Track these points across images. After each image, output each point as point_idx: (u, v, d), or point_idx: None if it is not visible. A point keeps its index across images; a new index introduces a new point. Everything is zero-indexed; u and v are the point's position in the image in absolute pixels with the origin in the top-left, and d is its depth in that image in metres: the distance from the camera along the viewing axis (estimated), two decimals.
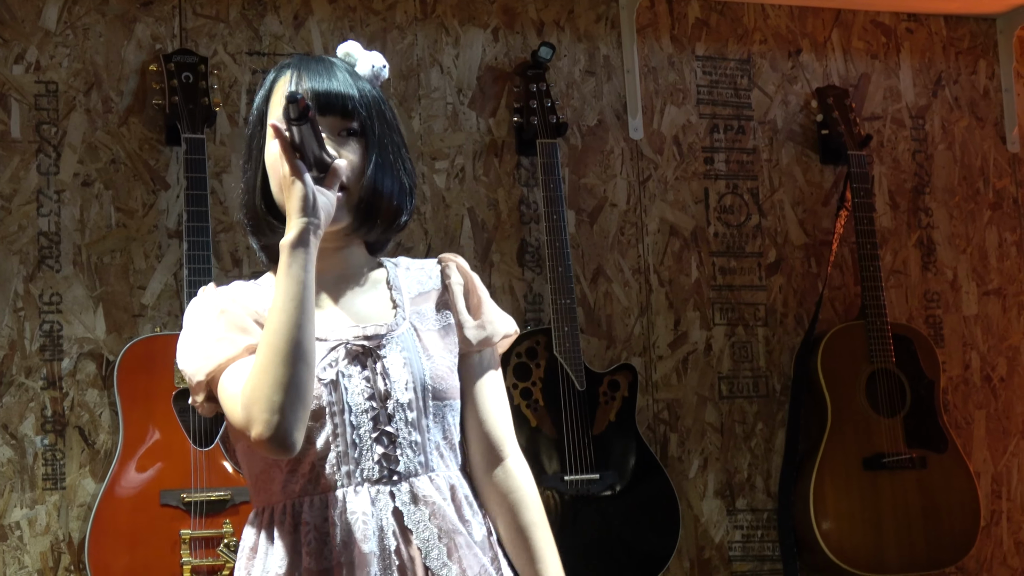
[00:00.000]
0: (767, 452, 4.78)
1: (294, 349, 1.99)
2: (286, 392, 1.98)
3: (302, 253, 2.03)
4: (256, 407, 1.97)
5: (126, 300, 4.13)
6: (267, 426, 1.97)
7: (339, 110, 2.16)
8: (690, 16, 4.88)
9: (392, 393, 2.15)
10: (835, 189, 4.97)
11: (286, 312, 2.00)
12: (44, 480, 4.00)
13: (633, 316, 4.67)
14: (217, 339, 2.11)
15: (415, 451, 2.15)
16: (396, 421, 2.15)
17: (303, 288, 2.02)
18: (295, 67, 2.18)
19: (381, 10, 4.50)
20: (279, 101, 2.15)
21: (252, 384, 1.99)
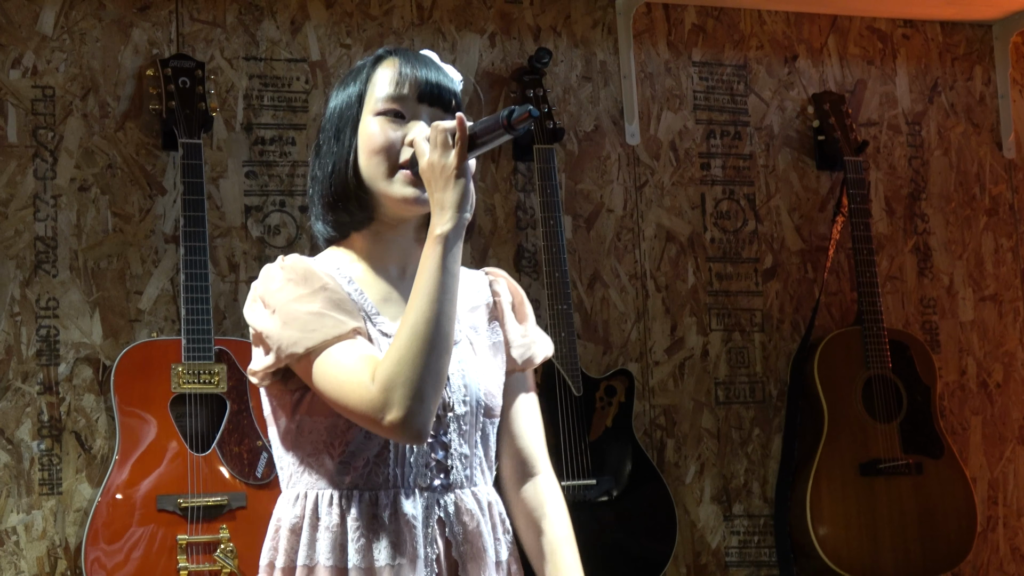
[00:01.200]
0: (763, 458, 4.78)
1: (444, 340, 2.01)
2: (434, 383, 2.00)
3: (458, 246, 2.05)
4: (399, 392, 1.97)
5: (123, 305, 4.13)
6: (409, 412, 1.98)
7: (445, 104, 2.18)
8: (687, 22, 4.88)
9: (451, 404, 2.16)
10: (831, 195, 4.97)
11: (440, 303, 2.01)
12: (40, 485, 3.99)
13: (630, 322, 4.67)
14: (318, 313, 2.07)
15: (463, 464, 2.17)
16: (451, 432, 2.16)
17: (455, 281, 2.04)
18: (400, 55, 2.19)
19: (378, 15, 4.51)
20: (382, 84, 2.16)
21: (396, 369, 1.98)
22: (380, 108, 2.16)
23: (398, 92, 2.16)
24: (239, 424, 3.95)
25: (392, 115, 2.16)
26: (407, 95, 2.16)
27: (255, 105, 4.34)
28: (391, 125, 2.15)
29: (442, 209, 2.04)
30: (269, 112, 4.35)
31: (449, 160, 2.03)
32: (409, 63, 2.18)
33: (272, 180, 4.32)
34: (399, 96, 2.16)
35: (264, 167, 4.32)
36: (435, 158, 2.04)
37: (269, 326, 2.10)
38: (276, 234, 4.30)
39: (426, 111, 2.17)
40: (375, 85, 2.18)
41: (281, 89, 4.37)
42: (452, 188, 2.03)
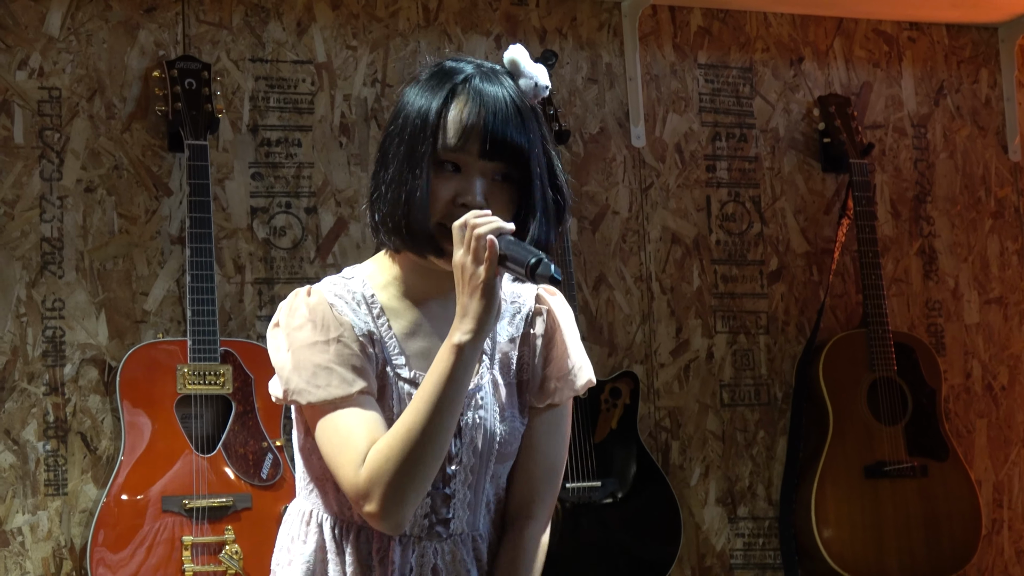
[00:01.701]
0: (768, 460, 4.78)
1: (439, 452, 2.00)
2: (417, 487, 1.99)
3: (472, 358, 2.00)
4: (381, 490, 1.98)
5: (128, 306, 4.13)
6: (385, 510, 1.99)
7: (507, 159, 2.09)
8: (692, 24, 4.88)
9: (459, 456, 2.13)
10: (837, 197, 4.97)
11: (440, 415, 1.99)
12: (46, 486, 4.00)
13: (635, 324, 4.67)
14: (327, 368, 2.06)
15: (466, 511, 2.15)
16: (455, 483, 2.14)
17: (463, 394, 2.01)
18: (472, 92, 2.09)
19: (384, 17, 4.51)
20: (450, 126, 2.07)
21: (384, 466, 1.98)
22: (441, 157, 2.08)
23: (459, 144, 2.07)
24: (244, 425, 3.95)
25: (451, 167, 2.08)
26: (468, 149, 2.07)
27: (261, 107, 4.34)
28: (444, 180, 2.08)
29: (464, 316, 1.99)
30: (275, 114, 4.35)
31: (479, 272, 1.97)
32: (477, 108, 2.07)
33: (278, 182, 4.32)
34: (459, 148, 2.07)
35: (270, 168, 4.32)
36: (467, 262, 1.99)
37: (282, 363, 2.10)
38: (282, 235, 4.30)
39: (487, 166, 2.08)
40: (445, 124, 2.08)
41: (287, 91, 4.37)
42: (478, 300, 1.98)
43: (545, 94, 2.15)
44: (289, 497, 3.72)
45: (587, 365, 2.29)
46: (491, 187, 2.08)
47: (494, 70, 2.13)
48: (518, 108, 2.09)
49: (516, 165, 2.09)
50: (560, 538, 4.22)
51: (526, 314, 2.25)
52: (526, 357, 2.24)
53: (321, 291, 2.14)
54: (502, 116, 2.07)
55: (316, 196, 4.35)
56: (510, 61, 2.15)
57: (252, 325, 4.21)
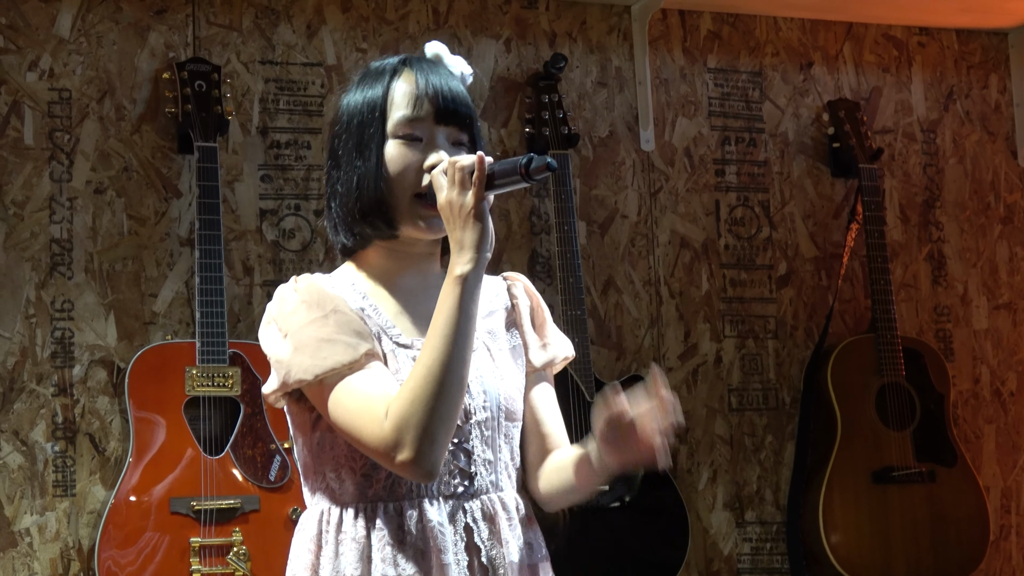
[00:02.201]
0: (776, 465, 4.79)
1: (458, 383, 2.01)
2: (446, 426, 2.00)
3: (478, 287, 2.04)
4: (412, 434, 1.98)
5: (137, 308, 4.14)
6: (419, 453, 1.98)
7: (461, 121, 2.17)
8: (702, 28, 4.89)
9: (471, 411, 2.15)
10: (846, 202, 4.97)
11: (455, 346, 2.01)
12: (54, 487, 4.01)
13: (643, 328, 4.68)
14: (329, 339, 2.08)
15: (488, 469, 2.17)
16: (473, 439, 2.15)
17: (471, 323, 2.03)
18: (417, 69, 2.18)
19: (394, 20, 4.52)
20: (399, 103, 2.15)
21: (409, 409, 1.99)
22: (398, 132, 2.15)
23: (415, 114, 2.15)
24: (253, 427, 3.96)
25: (409, 139, 2.15)
26: (423, 116, 2.15)
27: (271, 109, 4.35)
28: (408, 150, 2.14)
29: (461, 249, 2.03)
30: (285, 116, 4.36)
31: (467, 200, 2.02)
32: (425, 78, 2.16)
33: (287, 184, 4.33)
34: (416, 118, 2.15)
35: (279, 171, 4.33)
36: (453, 196, 2.03)
37: (280, 351, 2.11)
38: (291, 238, 4.31)
39: (443, 131, 2.16)
40: (393, 102, 2.16)
41: (297, 93, 4.38)
42: (471, 228, 2.02)
43: (470, 80, 2.24)
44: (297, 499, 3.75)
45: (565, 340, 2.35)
46: (450, 150, 2.15)
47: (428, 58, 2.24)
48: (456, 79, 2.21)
49: (467, 129, 2.18)
50: (567, 542, 4.22)
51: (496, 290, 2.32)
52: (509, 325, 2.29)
53: (307, 276, 2.19)
54: (447, 82, 2.17)
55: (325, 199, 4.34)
56: (434, 54, 2.25)
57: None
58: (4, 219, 4.05)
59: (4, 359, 4.01)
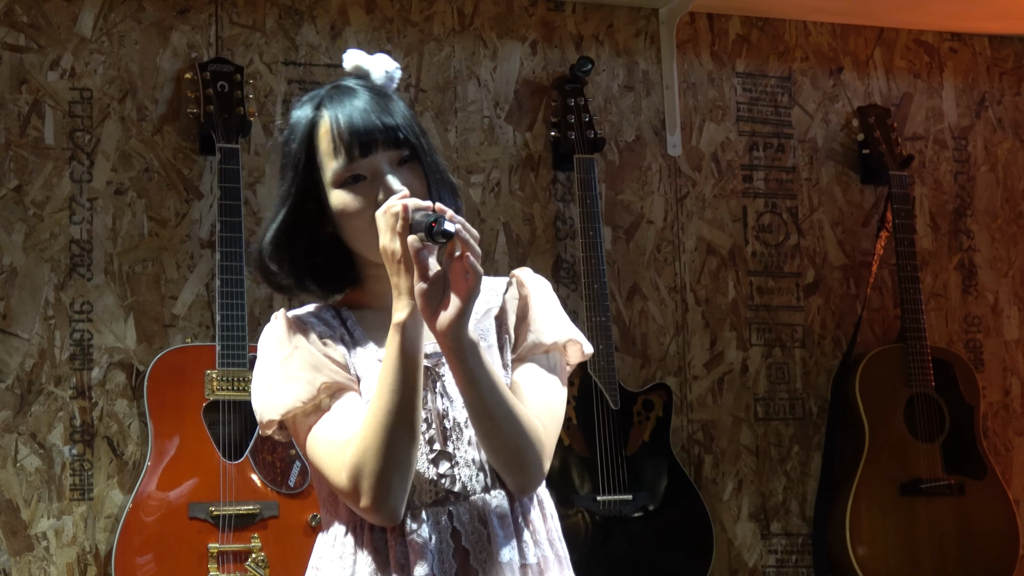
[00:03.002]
0: (803, 476, 4.77)
1: (408, 429, 2.04)
2: (400, 472, 2.04)
3: (416, 332, 2.04)
4: (367, 482, 2.03)
5: (157, 310, 4.14)
6: (376, 501, 2.04)
7: (392, 143, 2.14)
8: (731, 32, 4.88)
9: (449, 412, 2.16)
10: (875, 210, 4.96)
11: (401, 394, 2.02)
12: (71, 490, 4.00)
13: (668, 335, 4.67)
14: (291, 377, 2.12)
15: (472, 468, 2.16)
16: (453, 440, 2.15)
17: (416, 368, 2.04)
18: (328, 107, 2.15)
19: (419, 21, 4.51)
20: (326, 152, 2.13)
21: (362, 458, 2.03)
22: (338, 180, 2.14)
23: (343, 160, 2.13)
24: None
25: (353, 181, 2.13)
26: (354, 156, 2.13)
27: None
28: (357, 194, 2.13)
29: (399, 295, 2.03)
30: None
31: (395, 246, 2.01)
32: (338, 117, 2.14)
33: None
34: (345, 163, 2.13)
35: None
36: (386, 242, 2.02)
37: (256, 391, 2.17)
38: None
39: (380, 158, 2.13)
40: (322, 152, 2.15)
41: None
42: (402, 274, 2.01)
43: (398, 75, 2.23)
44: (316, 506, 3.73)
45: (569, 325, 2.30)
46: (400, 173, 2.14)
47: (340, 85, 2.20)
48: (375, 96, 2.16)
49: (404, 145, 2.15)
50: (589, 552, 4.22)
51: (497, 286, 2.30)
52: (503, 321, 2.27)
53: (283, 312, 2.22)
54: (360, 110, 2.14)
55: None
56: (352, 66, 2.24)
57: None
58: (24, 219, 4.06)
59: (22, 361, 4.01)
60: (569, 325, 2.31)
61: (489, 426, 2.08)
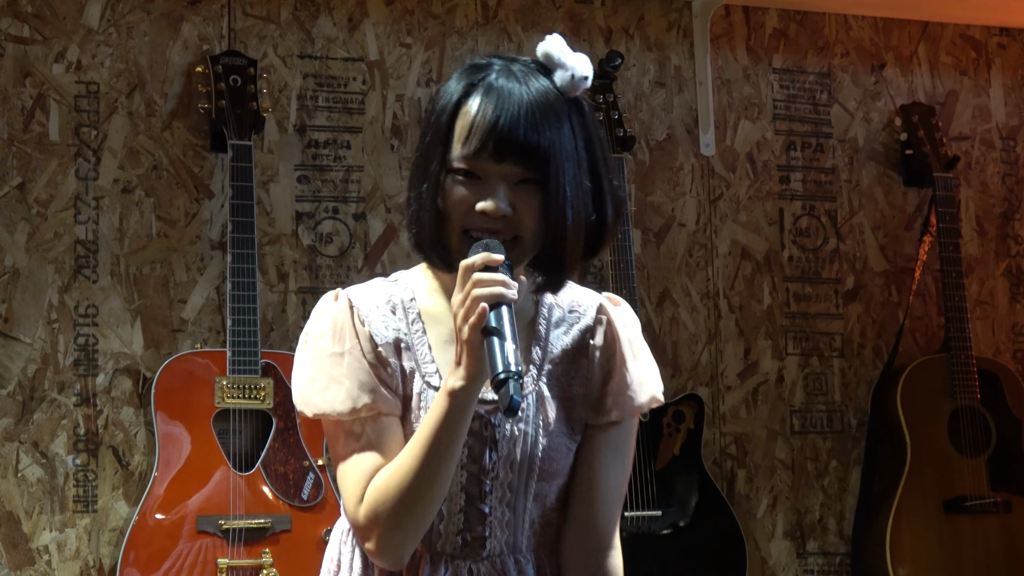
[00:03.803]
0: (841, 492, 4.75)
1: (432, 496, 2.04)
2: (413, 530, 2.05)
3: (467, 404, 2.01)
4: (379, 530, 2.05)
5: (165, 314, 4.14)
6: (384, 548, 2.06)
7: (519, 160, 2.06)
8: (767, 26, 4.86)
9: (494, 469, 2.12)
10: (919, 213, 4.94)
11: (434, 462, 2.01)
12: (75, 502, 4.00)
13: (700, 343, 4.65)
14: (336, 380, 2.11)
15: (505, 530, 2.14)
16: (491, 499, 2.13)
17: (456, 440, 2.02)
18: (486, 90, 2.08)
19: (440, 13, 4.51)
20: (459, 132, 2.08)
21: (382, 508, 2.04)
22: (454, 166, 2.08)
23: (466, 151, 2.06)
24: (285, 442, 3.95)
25: (465, 175, 2.07)
26: (477, 154, 2.06)
27: (309, 106, 4.35)
28: (463, 188, 2.08)
29: (458, 364, 2.00)
30: (324, 113, 4.36)
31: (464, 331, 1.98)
32: (491, 106, 2.07)
33: (325, 186, 4.32)
34: (468, 155, 2.07)
35: (317, 172, 4.33)
36: (459, 312, 1.99)
37: (299, 372, 2.16)
38: (328, 243, 4.30)
39: (501, 170, 2.06)
40: (456, 131, 2.09)
41: (337, 89, 4.38)
42: (466, 354, 1.98)
43: (586, 85, 2.12)
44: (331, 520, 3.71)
45: (652, 380, 2.25)
46: (515, 192, 2.07)
47: (522, 66, 2.12)
48: (537, 105, 2.07)
49: (535, 167, 2.06)
50: None
51: (584, 325, 2.23)
52: (583, 370, 2.21)
53: (349, 296, 2.17)
54: (512, 115, 2.06)
55: (365, 201, 4.35)
56: (543, 54, 2.13)
57: (295, 336, 4.17)
58: (27, 219, 4.06)
59: (24, 366, 4.02)
60: (655, 379, 2.26)
61: None
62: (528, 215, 2.06)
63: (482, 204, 2.05)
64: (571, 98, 2.11)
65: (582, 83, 2.12)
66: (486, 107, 2.06)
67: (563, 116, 2.09)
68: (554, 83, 2.10)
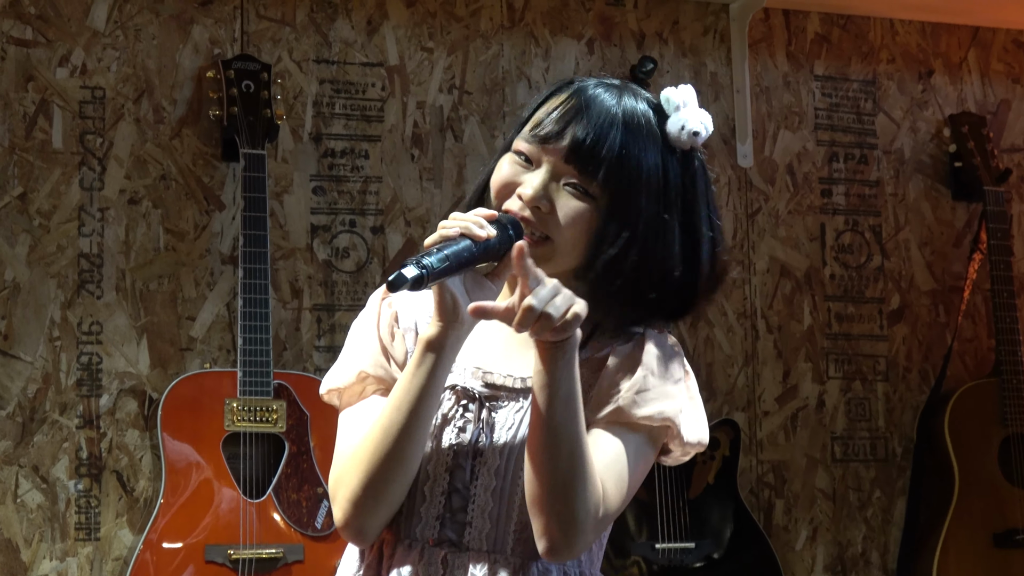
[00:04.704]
0: (884, 524, 4.75)
1: (398, 454, 2.04)
2: (374, 494, 2.05)
3: (432, 357, 2.03)
4: (340, 492, 2.07)
5: (173, 332, 4.14)
6: (346, 518, 2.07)
7: (579, 158, 2.06)
8: (809, 30, 4.86)
9: (483, 452, 2.10)
10: (968, 229, 4.94)
11: (399, 413, 2.04)
12: (77, 529, 4.01)
13: (737, 366, 4.65)
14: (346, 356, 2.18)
15: (489, 523, 2.09)
16: (477, 486, 2.10)
17: (424, 394, 2.03)
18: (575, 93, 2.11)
19: (464, 16, 4.51)
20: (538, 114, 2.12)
21: (342, 469, 2.08)
22: (516, 146, 2.12)
23: (535, 133, 2.09)
24: (298, 468, 3.96)
25: (520, 157, 2.10)
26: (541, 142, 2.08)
27: (325, 113, 4.35)
28: (513, 167, 2.11)
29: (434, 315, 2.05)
30: (341, 121, 4.36)
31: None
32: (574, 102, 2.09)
33: (342, 197, 4.33)
34: (531, 138, 2.10)
35: (334, 182, 4.33)
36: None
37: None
38: (344, 257, 4.30)
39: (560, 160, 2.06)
40: (534, 117, 2.13)
41: (355, 96, 4.38)
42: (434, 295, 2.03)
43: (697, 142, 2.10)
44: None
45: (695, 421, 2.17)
46: (562, 192, 2.07)
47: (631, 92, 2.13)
48: (624, 119, 2.07)
49: (593, 172, 2.05)
50: None
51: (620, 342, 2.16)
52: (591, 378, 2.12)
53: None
54: (593, 115, 2.07)
55: (384, 214, 4.35)
56: (665, 99, 2.12)
57: (309, 356, 4.21)
58: (28, 231, 4.07)
59: (25, 386, 4.02)
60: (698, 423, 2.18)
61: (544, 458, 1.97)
62: (568, 221, 2.06)
63: (521, 188, 2.07)
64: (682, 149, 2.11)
65: (694, 140, 2.10)
66: (571, 101, 2.09)
67: (652, 145, 2.08)
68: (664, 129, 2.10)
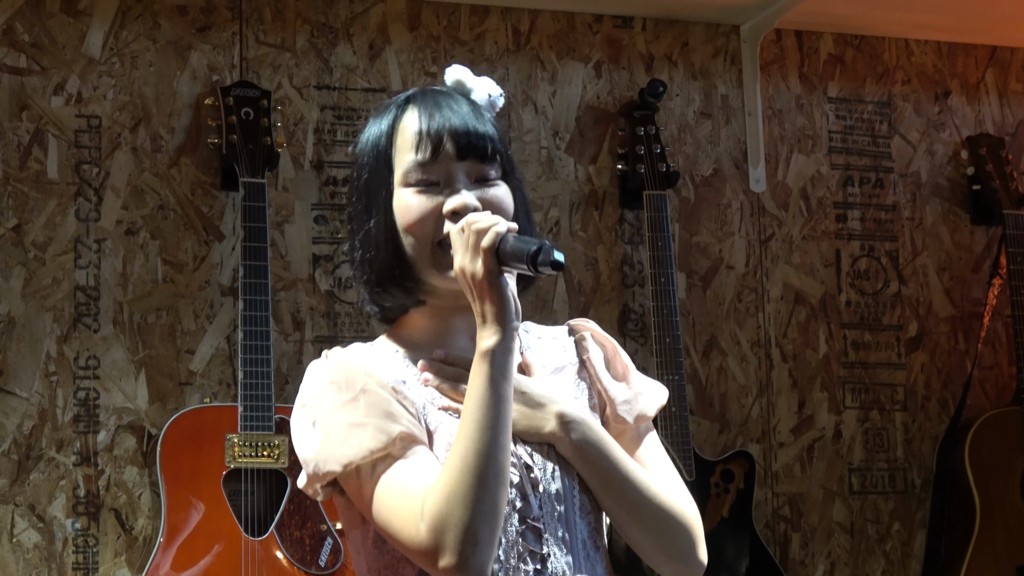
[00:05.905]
0: (904, 557, 4.74)
1: (499, 474, 2.01)
2: (488, 522, 2.00)
3: (509, 361, 2.04)
4: (450, 535, 1.98)
5: (172, 366, 4.15)
6: (463, 558, 1.98)
7: (479, 154, 2.16)
8: (822, 51, 4.88)
9: (539, 482, 2.14)
10: (987, 253, 4.94)
11: (492, 432, 2.01)
12: (74, 569, 4.01)
13: (751, 396, 4.65)
14: (358, 424, 2.08)
15: (562, 549, 2.14)
16: (544, 516, 2.14)
17: (506, 405, 2.03)
18: (420, 104, 2.19)
19: (468, 40, 4.53)
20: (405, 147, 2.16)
21: (446, 509, 1.99)
22: (409, 179, 2.16)
23: (423, 156, 2.15)
24: (301, 505, 3.95)
25: (424, 185, 2.15)
26: (435, 157, 2.15)
27: (327, 140, 4.37)
28: (424, 197, 2.15)
29: (484, 322, 2.04)
30: (342, 148, 4.38)
31: (478, 269, 2.03)
32: (430, 113, 2.17)
33: (344, 226, 4.33)
34: (425, 161, 2.15)
35: (336, 211, 4.35)
36: (465, 263, 2.05)
37: (309, 441, 2.13)
38: (347, 287, 4.32)
39: (461, 167, 2.15)
40: (399, 148, 2.18)
41: (356, 122, 4.39)
42: (488, 300, 2.04)
43: (501, 103, 2.25)
44: None
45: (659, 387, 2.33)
46: (480, 190, 2.16)
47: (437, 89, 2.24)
48: (472, 105, 2.20)
49: (491, 162, 2.17)
50: None
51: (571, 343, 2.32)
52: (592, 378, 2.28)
53: (339, 352, 2.19)
54: (460, 113, 2.18)
55: None
56: (455, 81, 2.27)
57: None
58: (23, 263, 4.08)
59: (20, 422, 4.03)
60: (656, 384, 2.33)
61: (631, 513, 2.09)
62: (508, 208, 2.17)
63: (451, 203, 2.13)
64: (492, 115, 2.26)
65: (498, 100, 2.26)
66: (430, 111, 2.18)
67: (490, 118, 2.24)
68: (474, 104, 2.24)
